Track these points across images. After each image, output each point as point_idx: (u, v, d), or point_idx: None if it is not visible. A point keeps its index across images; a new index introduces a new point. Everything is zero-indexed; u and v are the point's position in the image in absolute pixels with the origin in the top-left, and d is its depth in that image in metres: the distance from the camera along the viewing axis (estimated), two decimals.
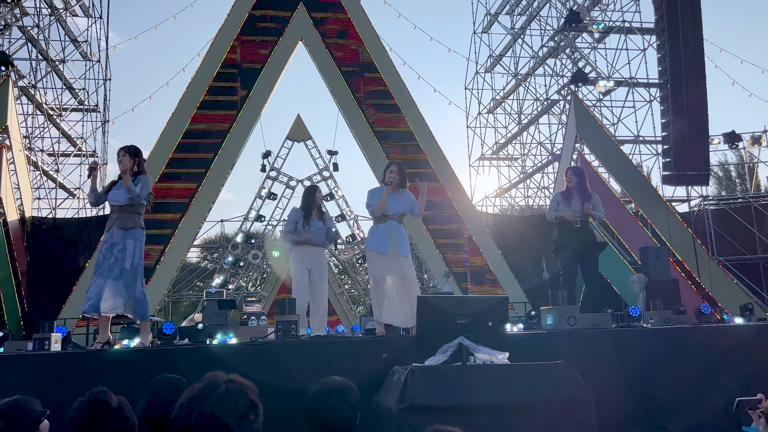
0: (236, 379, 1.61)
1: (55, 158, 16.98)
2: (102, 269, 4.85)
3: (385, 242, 5.27)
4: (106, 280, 4.79)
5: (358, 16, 16.18)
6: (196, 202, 14.51)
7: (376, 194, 5.44)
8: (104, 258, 4.88)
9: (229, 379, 1.60)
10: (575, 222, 6.20)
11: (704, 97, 14.11)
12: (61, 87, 17.44)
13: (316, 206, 6.15)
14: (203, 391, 1.56)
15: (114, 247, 4.87)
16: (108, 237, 4.92)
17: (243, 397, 1.56)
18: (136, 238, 4.96)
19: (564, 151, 16.92)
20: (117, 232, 4.90)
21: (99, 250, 4.99)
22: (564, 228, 6.25)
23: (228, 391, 1.56)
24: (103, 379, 3.82)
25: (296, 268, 5.91)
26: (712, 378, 4.51)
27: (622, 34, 18.25)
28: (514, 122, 21.02)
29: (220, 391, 1.55)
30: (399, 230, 5.42)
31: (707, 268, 14.05)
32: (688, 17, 14.17)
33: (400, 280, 5.25)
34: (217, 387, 1.56)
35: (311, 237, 5.93)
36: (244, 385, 1.60)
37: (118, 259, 4.84)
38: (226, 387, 1.56)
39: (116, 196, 4.99)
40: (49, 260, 14.25)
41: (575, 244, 6.17)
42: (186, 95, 14.98)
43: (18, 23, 15.67)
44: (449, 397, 3.41)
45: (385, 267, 5.26)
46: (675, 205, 16.05)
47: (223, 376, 1.60)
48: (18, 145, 14.20)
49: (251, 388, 1.61)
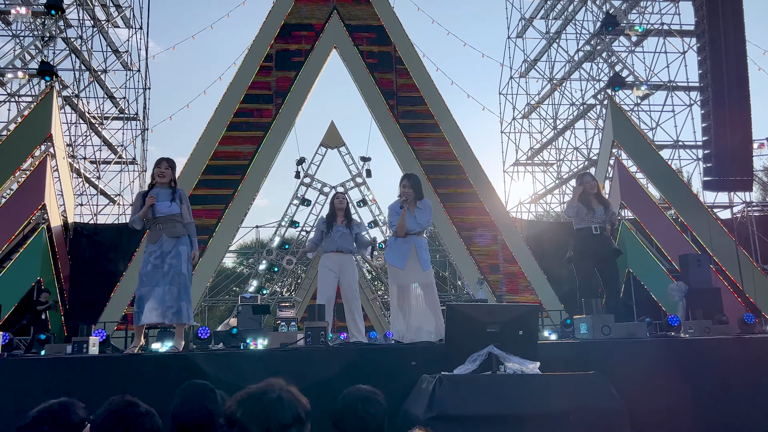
0: (292, 390, 1.64)
1: (97, 165, 17.47)
2: (151, 278, 4.89)
3: (402, 257, 5.25)
4: (155, 288, 4.87)
5: (391, 22, 16.25)
6: (231, 208, 14.74)
7: (395, 212, 5.40)
8: (154, 267, 4.90)
9: (286, 389, 1.63)
10: (594, 229, 6.03)
11: (747, 100, 13.70)
12: (102, 96, 17.97)
13: (339, 212, 6.10)
14: (257, 392, 1.60)
15: (166, 255, 4.95)
16: (156, 247, 4.97)
17: (292, 408, 1.59)
18: (188, 245, 5.13)
19: (601, 157, 16.63)
20: (168, 241, 5.00)
21: (146, 260, 4.95)
22: (583, 235, 6.09)
23: (280, 398, 1.59)
24: (135, 383, 3.90)
25: (321, 275, 5.91)
26: (756, 393, 4.34)
27: (660, 36, 17.87)
28: (549, 127, 20.76)
29: (273, 396, 1.59)
30: (419, 243, 5.37)
31: (751, 276, 13.61)
32: (730, 18, 13.80)
33: (421, 290, 5.23)
34: (271, 391, 1.60)
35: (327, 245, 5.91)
36: (297, 399, 1.63)
37: (172, 265, 4.94)
38: (279, 394, 1.60)
39: (161, 207, 5.08)
40: (91, 265, 14.65)
41: (595, 252, 6.02)
42: (222, 103, 15.26)
43: (62, 35, 16.19)
44: (477, 406, 3.37)
45: (400, 279, 5.25)
46: (717, 211, 15.62)
47: (281, 384, 1.64)
48: (61, 153, 14.65)
49: (303, 403, 1.64)
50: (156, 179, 5.19)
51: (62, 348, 5.21)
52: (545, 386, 3.56)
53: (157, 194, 5.11)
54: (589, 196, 6.17)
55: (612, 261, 6.14)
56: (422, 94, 15.93)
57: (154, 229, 5.08)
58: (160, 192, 5.14)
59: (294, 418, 1.57)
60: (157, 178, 5.17)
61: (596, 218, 6.08)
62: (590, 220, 6.07)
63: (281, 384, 1.63)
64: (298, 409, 1.59)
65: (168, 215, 5.07)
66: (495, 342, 3.77)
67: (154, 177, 5.21)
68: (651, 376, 4.27)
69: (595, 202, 6.15)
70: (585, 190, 6.16)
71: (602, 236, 6.11)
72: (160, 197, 5.12)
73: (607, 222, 6.21)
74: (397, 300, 5.27)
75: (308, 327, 4.47)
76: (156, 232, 5.05)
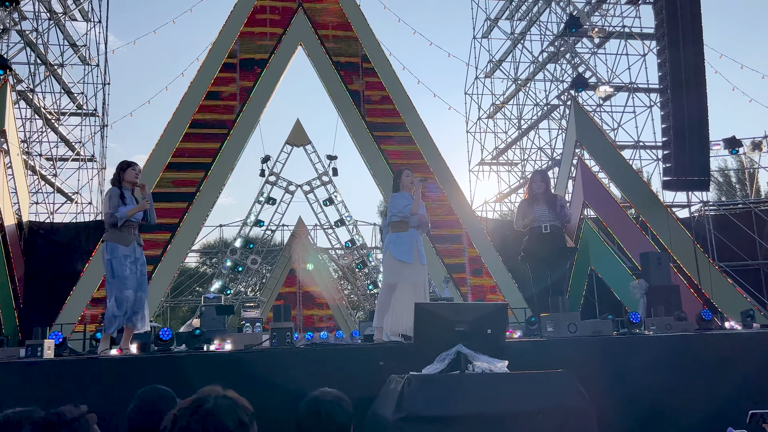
0: (230, 396, 1.54)
1: (53, 162, 16.92)
2: (133, 282, 4.97)
3: (408, 251, 5.28)
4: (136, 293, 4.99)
5: (357, 20, 16.17)
6: (194, 207, 14.44)
7: (405, 197, 5.41)
8: (131, 272, 4.97)
9: (222, 395, 1.53)
10: (544, 228, 6.09)
11: (704, 102, 14.06)
12: (59, 91, 17.43)
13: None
14: (191, 405, 1.50)
15: (137, 261, 5.06)
16: (129, 251, 5.00)
17: (231, 415, 1.49)
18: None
19: (564, 157, 16.87)
20: (138, 248, 5.11)
21: (122, 263, 4.94)
22: (534, 234, 6.16)
23: (216, 407, 1.48)
24: (94, 386, 3.75)
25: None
26: (717, 387, 4.43)
27: (622, 39, 18.24)
28: (514, 127, 20.99)
29: (207, 407, 1.48)
30: (418, 238, 5.44)
31: (708, 274, 13.98)
32: (689, 22, 14.14)
33: (412, 287, 5.24)
34: (205, 402, 1.50)
35: None
36: (237, 403, 1.53)
37: (143, 273, 5.10)
38: (215, 403, 1.49)
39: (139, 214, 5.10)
40: (47, 265, 14.18)
41: (544, 250, 6.08)
42: (185, 99, 14.94)
43: (16, 27, 15.64)
44: (447, 406, 3.34)
45: (404, 275, 5.26)
46: (675, 210, 16.00)
47: (217, 392, 1.54)
48: (15, 149, 14.14)
49: (244, 407, 1.54)
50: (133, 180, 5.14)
51: (16, 352, 5.00)
52: (514, 385, 3.56)
53: (129, 198, 5.09)
54: (536, 196, 6.26)
55: (561, 260, 6.22)
56: (388, 92, 15.89)
57: (126, 232, 5.00)
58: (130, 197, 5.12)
59: (235, 424, 1.48)
60: (135, 180, 5.15)
61: (542, 217, 6.13)
62: (537, 219, 6.15)
63: (217, 391, 1.53)
64: (238, 414, 1.50)
65: (138, 221, 5.12)
66: (463, 341, 3.75)
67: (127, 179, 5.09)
68: (617, 373, 4.32)
69: (541, 202, 6.21)
70: (532, 189, 6.28)
71: (552, 234, 6.15)
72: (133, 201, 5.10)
73: (558, 220, 6.25)
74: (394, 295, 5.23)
75: (273, 327, 4.38)
76: (128, 236, 5.03)
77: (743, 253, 15.09)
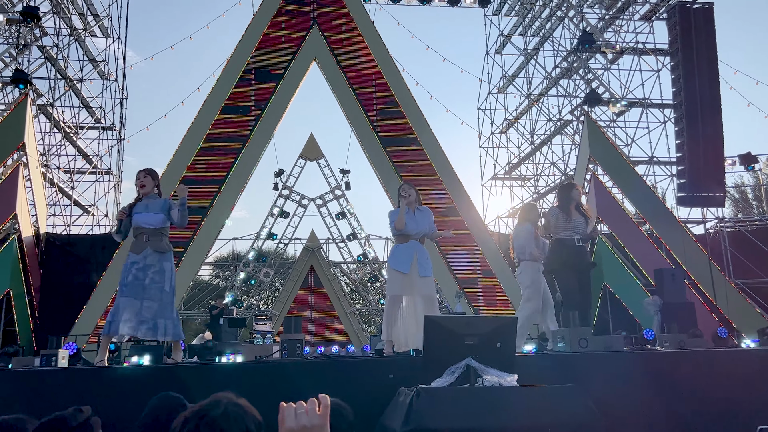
0: (241, 404, 1.56)
1: (71, 175, 17.17)
2: (131, 290, 4.80)
3: (405, 261, 5.27)
4: (134, 300, 4.78)
5: (371, 36, 16.33)
6: (208, 220, 14.57)
7: (395, 212, 5.51)
8: (135, 278, 4.82)
9: (233, 402, 1.55)
10: (577, 240, 6.05)
11: (719, 118, 14.00)
12: (78, 105, 17.71)
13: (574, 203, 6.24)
14: (202, 410, 1.52)
15: (148, 268, 4.87)
16: (140, 258, 4.89)
17: (239, 422, 1.51)
18: (171, 261, 5.05)
19: (577, 172, 16.82)
20: (152, 255, 4.91)
21: (127, 270, 4.86)
22: (567, 246, 6.07)
23: (226, 413, 1.51)
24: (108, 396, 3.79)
25: None
26: (729, 405, 4.37)
27: (635, 55, 18.21)
28: (526, 142, 20.97)
29: (218, 412, 1.51)
30: (420, 250, 5.42)
31: (723, 291, 13.81)
32: (702, 39, 14.13)
33: (419, 301, 5.23)
34: (216, 407, 1.52)
35: None
36: (246, 411, 1.55)
37: (155, 281, 4.85)
38: (225, 410, 1.52)
39: (149, 219, 4.99)
40: (63, 276, 14.34)
41: (578, 263, 6.02)
42: (200, 114, 15.14)
43: (38, 43, 15.96)
44: (455, 420, 3.33)
45: (404, 287, 5.26)
46: (690, 226, 15.85)
47: (229, 398, 1.56)
48: (34, 162, 14.38)
49: (252, 415, 1.56)
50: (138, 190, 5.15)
51: (30, 361, 5.06)
52: (523, 399, 3.54)
53: (146, 205, 5.05)
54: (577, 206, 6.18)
55: (587, 273, 6.17)
56: (402, 107, 16.00)
57: (140, 239, 4.98)
58: (149, 203, 5.08)
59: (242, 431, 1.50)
60: (138, 189, 5.13)
61: (578, 229, 6.09)
62: (572, 230, 6.07)
63: (228, 398, 1.55)
64: (246, 423, 1.52)
65: (156, 227, 4.98)
66: (473, 354, 3.74)
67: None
68: (628, 389, 4.28)
69: (576, 213, 6.16)
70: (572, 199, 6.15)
71: (583, 248, 6.14)
72: (150, 208, 5.05)
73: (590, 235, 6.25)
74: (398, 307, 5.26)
75: (284, 339, 4.41)
76: (141, 243, 4.96)
77: (760, 270, 14.89)
